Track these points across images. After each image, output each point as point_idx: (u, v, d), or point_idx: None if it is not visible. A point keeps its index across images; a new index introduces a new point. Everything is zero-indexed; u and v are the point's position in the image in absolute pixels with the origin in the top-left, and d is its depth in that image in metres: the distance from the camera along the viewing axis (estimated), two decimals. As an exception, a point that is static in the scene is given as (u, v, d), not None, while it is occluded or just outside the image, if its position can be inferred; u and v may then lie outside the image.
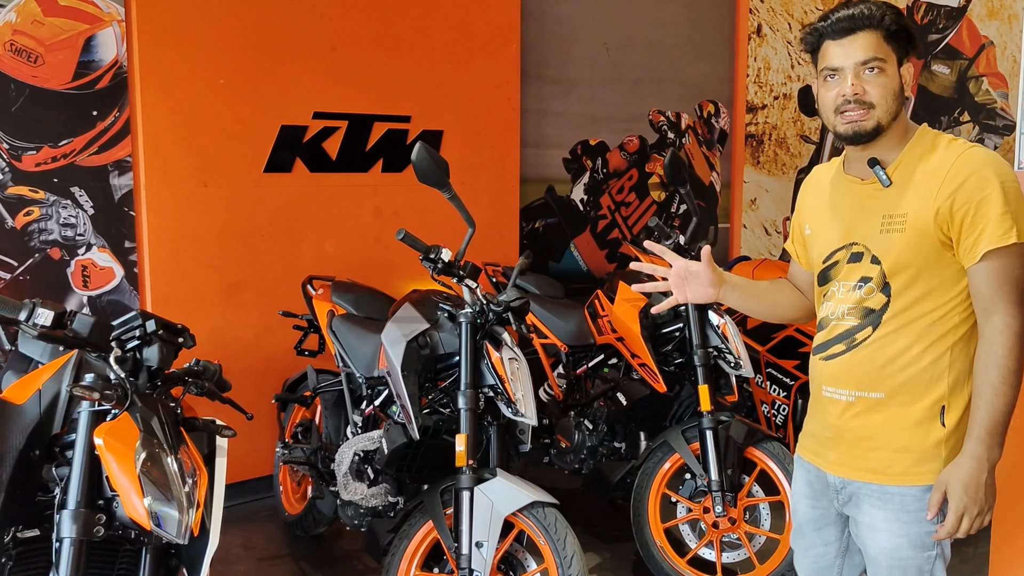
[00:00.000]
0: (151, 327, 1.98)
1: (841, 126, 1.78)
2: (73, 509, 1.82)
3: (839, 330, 1.87)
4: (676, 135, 5.85)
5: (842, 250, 1.87)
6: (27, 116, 3.51)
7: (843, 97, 1.76)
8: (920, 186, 1.76)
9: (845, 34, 1.76)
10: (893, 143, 1.81)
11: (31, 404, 2.02)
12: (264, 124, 4.01)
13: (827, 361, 1.89)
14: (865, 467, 1.84)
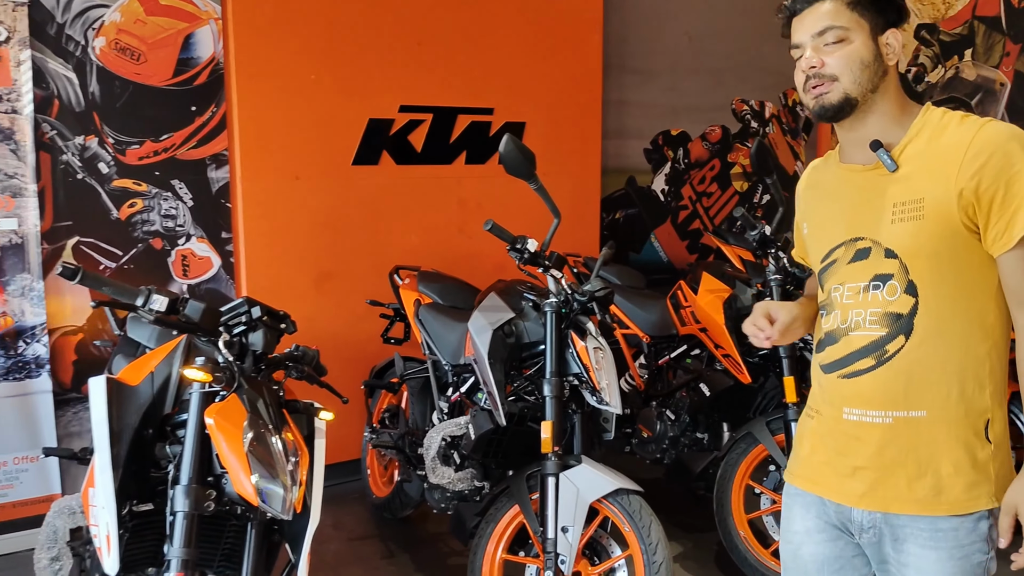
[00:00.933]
0: (256, 313, 2.08)
1: (810, 102, 1.64)
2: (185, 485, 1.93)
3: (863, 342, 1.62)
4: (760, 124, 5.77)
5: (841, 247, 1.66)
6: (131, 112, 3.68)
7: (803, 73, 1.63)
8: (935, 167, 1.55)
9: (805, 6, 1.64)
10: (887, 122, 1.62)
11: (144, 386, 2.14)
12: (352, 118, 4.11)
13: (851, 379, 1.63)
14: (910, 498, 1.58)
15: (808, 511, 1.73)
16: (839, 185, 1.71)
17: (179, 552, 1.87)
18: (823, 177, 1.79)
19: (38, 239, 3.49)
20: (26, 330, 3.51)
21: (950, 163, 1.53)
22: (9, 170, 3.41)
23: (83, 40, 3.56)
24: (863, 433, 1.62)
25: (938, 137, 1.58)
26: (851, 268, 1.64)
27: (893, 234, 1.59)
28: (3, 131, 3.40)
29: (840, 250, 1.66)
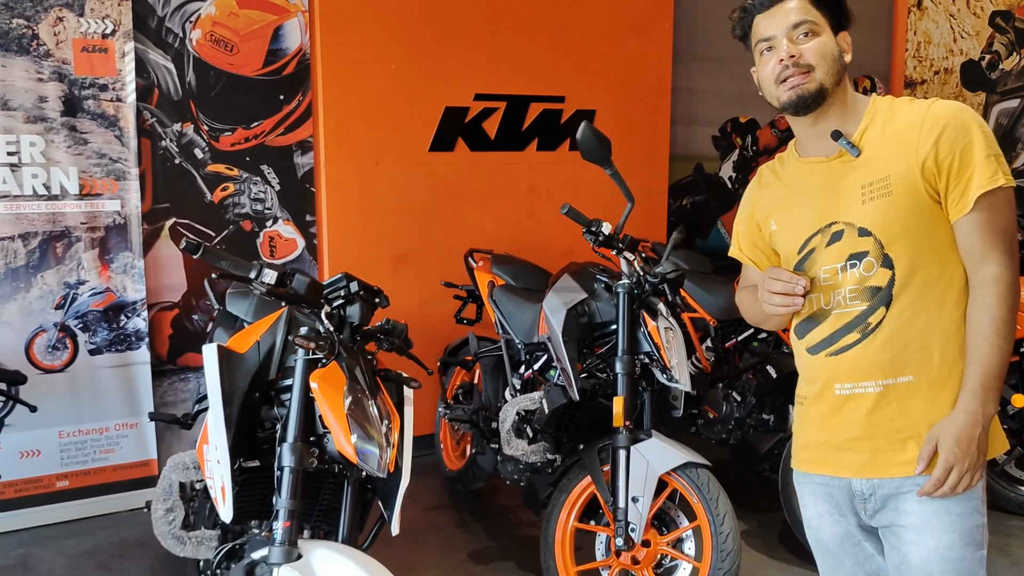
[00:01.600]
0: (354, 288, 2.24)
1: (784, 94, 1.71)
2: (292, 442, 2.10)
3: (847, 318, 1.69)
4: (828, 112, 5.78)
5: (817, 235, 1.73)
6: (224, 100, 3.90)
7: (781, 63, 1.69)
8: (896, 146, 1.66)
9: (773, 4, 1.73)
10: (845, 113, 1.73)
11: (251, 353, 2.33)
12: (430, 106, 4.28)
13: (839, 356, 1.70)
14: (905, 460, 1.65)
15: (817, 496, 1.81)
16: (805, 179, 1.78)
17: (286, 503, 2.05)
18: (783, 175, 1.85)
19: (139, 220, 3.73)
20: (127, 305, 3.75)
21: (909, 139, 1.64)
22: (114, 155, 3.65)
23: (181, 32, 3.78)
24: (856, 404, 1.70)
25: (891, 120, 1.68)
26: (829, 251, 1.71)
27: (865, 213, 1.67)
28: (108, 118, 3.63)
29: (816, 238, 1.73)
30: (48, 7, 3.49)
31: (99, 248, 3.67)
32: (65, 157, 3.56)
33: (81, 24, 3.54)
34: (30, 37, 3.47)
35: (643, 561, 2.75)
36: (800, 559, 3.36)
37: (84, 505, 3.74)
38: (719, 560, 2.63)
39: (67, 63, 3.54)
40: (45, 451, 3.65)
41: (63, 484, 3.72)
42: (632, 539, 2.74)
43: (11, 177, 3.49)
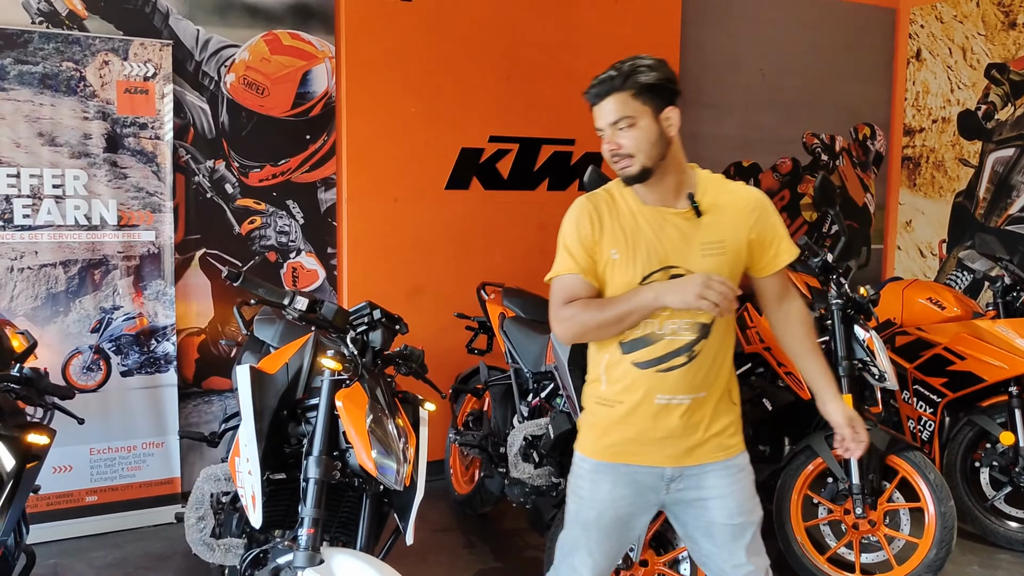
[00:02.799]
0: (377, 315, 2.45)
1: (619, 171, 2.09)
2: (317, 455, 2.29)
3: (677, 344, 2.08)
4: (830, 157, 6.00)
5: (659, 271, 2.07)
6: (254, 139, 4.15)
7: (609, 149, 2.08)
8: (729, 219, 2.12)
9: (598, 100, 2.09)
10: (680, 176, 2.13)
11: (280, 374, 2.54)
12: (446, 147, 4.52)
13: (667, 373, 2.09)
14: (703, 452, 2.15)
15: (618, 482, 2.18)
16: (652, 223, 2.11)
17: (311, 511, 2.24)
18: (626, 213, 2.14)
19: (172, 250, 3.97)
20: (158, 330, 3.97)
21: (740, 217, 2.14)
22: (151, 189, 3.90)
23: (216, 76, 4.04)
24: (671, 411, 2.12)
25: (719, 194, 2.15)
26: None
27: (703, 265, 2.07)
28: (147, 155, 3.88)
29: (658, 274, 2.09)
30: (95, 52, 3.75)
31: (134, 276, 3.90)
32: (106, 190, 3.81)
33: (125, 67, 3.81)
34: (78, 79, 3.73)
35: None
36: (792, 585, 3.51)
37: (112, 519, 3.94)
38: None
39: (111, 103, 3.80)
40: (77, 467, 3.85)
41: (92, 499, 3.91)
42: (631, 558, 2.90)
43: (55, 208, 3.73)
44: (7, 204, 3.64)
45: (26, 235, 3.69)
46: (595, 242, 2.14)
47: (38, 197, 3.70)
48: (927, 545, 3.28)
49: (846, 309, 3.55)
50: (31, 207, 3.69)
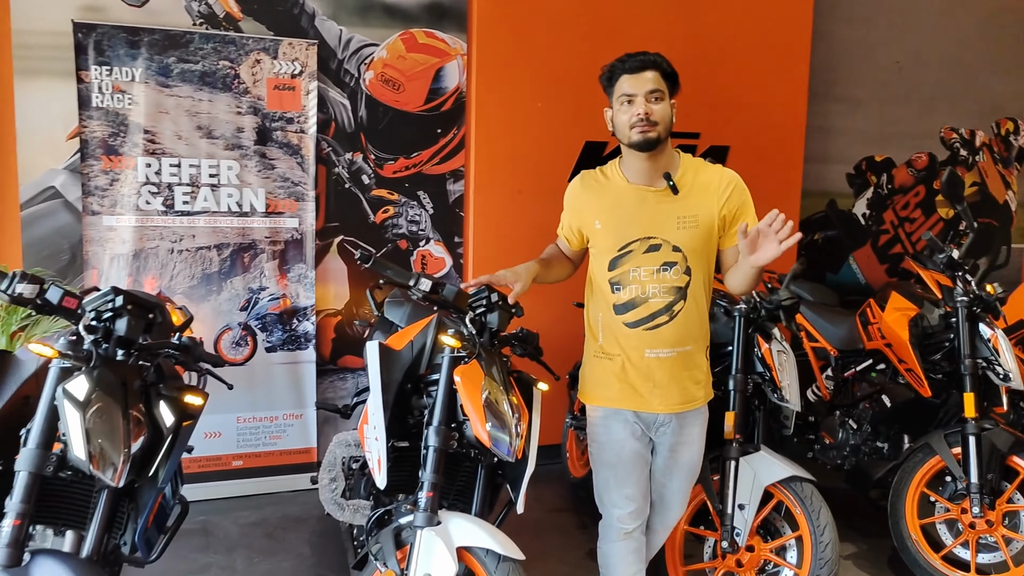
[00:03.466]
0: (495, 298, 2.61)
1: (635, 136, 2.45)
2: (437, 426, 2.48)
3: (659, 305, 2.52)
4: (969, 152, 5.77)
5: (637, 242, 2.51)
6: (389, 133, 4.40)
7: (637, 116, 2.44)
8: (703, 196, 2.51)
9: (640, 69, 2.46)
10: (668, 159, 2.54)
11: (406, 351, 2.74)
12: (571, 140, 4.64)
13: (653, 330, 2.53)
14: (686, 400, 2.59)
15: (624, 423, 2.61)
16: (632, 199, 2.54)
17: (431, 476, 2.42)
18: (609, 189, 2.59)
19: (313, 236, 4.27)
20: (299, 310, 4.29)
21: (712, 194, 2.52)
22: (295, 179, 4.21)
23: (356, 73, 4.31)
24: (659, 364, 2.55)
25: (696, 175, 2.54)
26: (646, 257, 2.51)
27: (679, 236, 2.49)
28: (292, 147, 4.19)
29: (636, 244, 2.52)
30: (248, 51, 4.08)
31: (279, 259, 4.22)
32: (255, 180, 4.14)
33: (274, 66, 4.12)
34: (232, 77, 4.07)
35: (747, 564, 2.98)
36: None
37: (254, 483, 4.28)
38: (817, 567, 2.83)
39: (261, 99, 4.12)
40: (225, 433, 4.21)
41: (238, 463, 4.27)
42: (737, 543, 2.97)
43: (211, 195, 4.09)
44: (169, 191, 4.02)
45: (185, 220, 4.06)
46: (580, 213, 2.65)
47: (196, 185, 4.06)
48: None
49: (972, 307, 3.47)
50: (190, 194, 4.06)
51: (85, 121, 3.86)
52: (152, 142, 3.96)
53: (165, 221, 4.02)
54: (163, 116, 3.97)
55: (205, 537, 3.81)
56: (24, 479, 2.10)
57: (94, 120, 3.87)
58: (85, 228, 3.92)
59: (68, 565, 2.08)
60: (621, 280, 2.55)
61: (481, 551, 2.33)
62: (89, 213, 3.91)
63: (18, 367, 2.33)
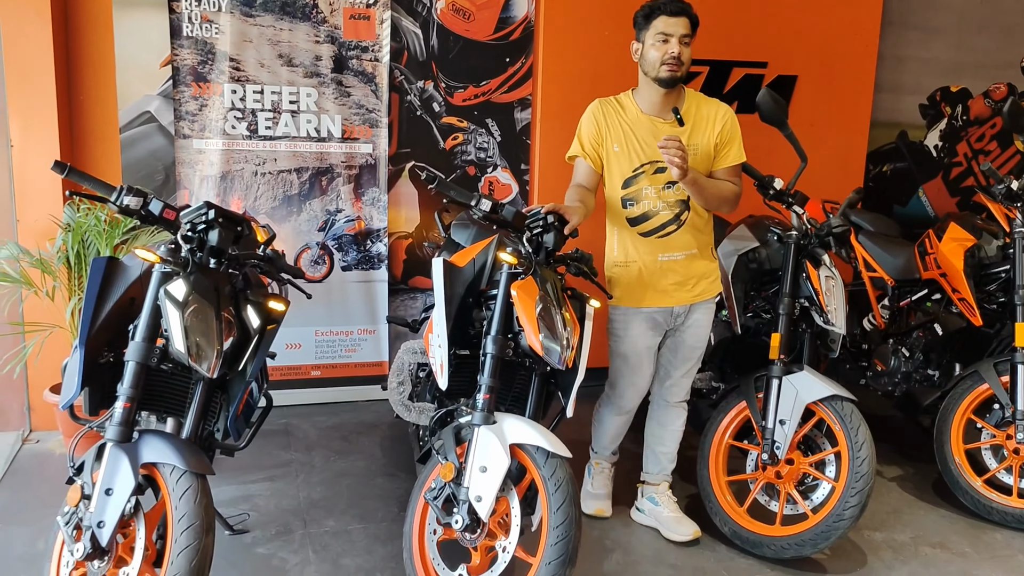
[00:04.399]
0: (551, 219, 2.79)
1: (664, 73, 2.88)
2: (494, 335, 2.69)
3: (667, 217, 3.02)
4: (1053, 83, 5.62)
5: (648, 164, 2.98)
6: (459, 62, 4.55)
7: (671, 55, 2.85)
8: (702, 127, 2.99)
9: (676, 15, 2.85)
10: (679, 95, 3.00)
11: (468, 268, 2.95)
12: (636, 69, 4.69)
13: (664, 237, 3.03)
14: (694, 293, 3.11)
15: (643, 322, 3.11)
16: (646, 128, 2.98)
17: (488, 381, 2.65)
18: (626, 118, 3.02)
19: (386, 161, 4.48)
20: (373, 232, 4.54)
21: (710, 125, 3.00)
22: (370, 106, 4.41)
23: (428, 3, 4.45)
24: (672, 266, 3.07)
25: (699, 108, 3.02)
26: (655, 177, 2.99)
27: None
28: (367, 75, 4.39)
29: (647, 166, 2.98)
30: (326, -18, 4.27)
31: (354, 183, 4.46)
32: (332, 107, 4.36)
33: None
34: (311, 6, 4.26)
35: (786, 476, 3.15)
36: (948, 504, 3.60)
37: (331, 392, 4.61)
38: (854, 480, 2.98)
39: (338, 28, 4.31)
40: (305, 345, 4.53)
41: (316, 373, 4.60)
42: (777, 456, 3.14)
43: (291, 121, 4.33)
44: (253, 117, 4.27)
45: (267, 144, 4.31)
46: (600, 136, 3.04)
47: (277, 111, 4.30)
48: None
49: (1031, 238, 3.50)
50: (272, 120, 4.30)
51: (176, 50, 4.12)
52: (237, 69, 4.20)
53: (249, 145, 4.29)
54: (247, 45, 4.20)
55: (287, 437, 4.16)
56: (133, 368, 2.40)
57: (184, 49, 4.13)
58: (177, 151, 4.21)
59: (171, 442, 2.39)
60: (634, 197, 3.02)
61: (532, 448, 2.55)
62: (181, 137, 4.20)
63: (124, 272, 2.61)
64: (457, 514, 2.56)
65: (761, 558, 3.13)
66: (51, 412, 3.94)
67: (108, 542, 2.31)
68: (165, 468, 2.35)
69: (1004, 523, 3.42)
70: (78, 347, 2.45)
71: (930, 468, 3.78)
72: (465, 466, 2.59)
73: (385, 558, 3.05)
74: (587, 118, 3.10)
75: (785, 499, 3.17)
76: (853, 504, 2.95)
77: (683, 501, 3.55)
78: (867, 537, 3.32)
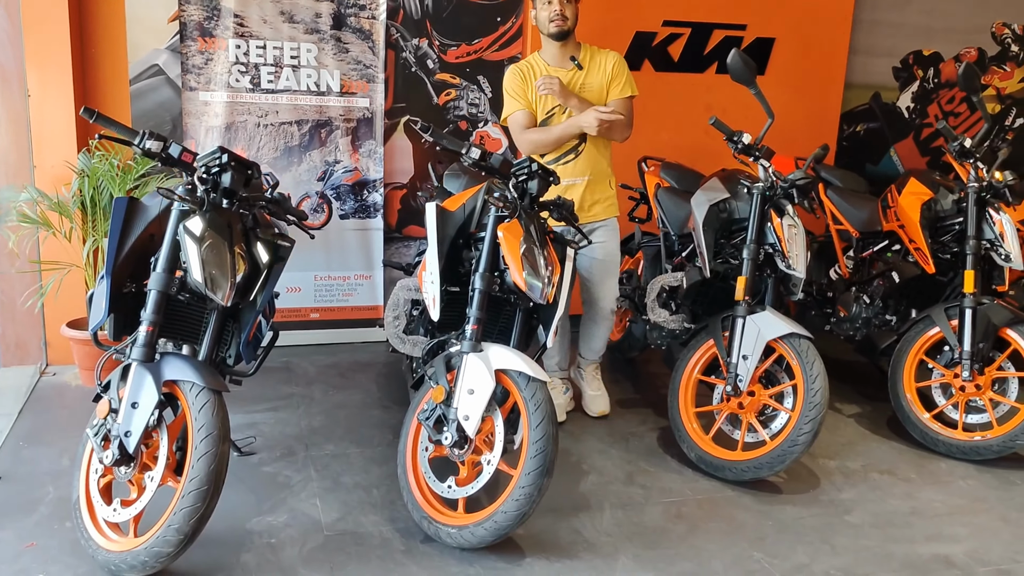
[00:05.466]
0: (535, 168, 3.04)
1: (553, 28, 3.61)
2: (481, 272, 2.96)
3: (568, 147, 3.70)
4: (1021, 48, 5.86)
5: (557, 107, 3.69)
6: (452, 21, 4.77)
7: (555, 12, 3.59)
8: (596, 70, 3.73)
9: None
10: (574, 45, 3.71)
11: (459, 212, 3.21)
12: (622, 30, 4.94)
13: (565, 165, 3.70)
14: (590, 215, 3.76)
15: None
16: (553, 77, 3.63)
17: (476, 312, 2.92)
18: (535, 72, 3.71)
19: (382, 115, 4.72)
20: (369, 182, 4.78)
21: (602, 68, 3.73)
22: (367, 62, 4.64)
23: (423, -37, 4.66)
24: (574, 188, 3.72)
25: (592, 56, 3.75)
26: (563, 116, 3.68)
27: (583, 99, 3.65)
28: (364, 32, 4.61)
29: (556, 108, 3.70)
30: (325, -58, 4.46)
31: (351, 136, 4.69)
32: (331, 62, 4.58)
33: (348, -44, 4.50)
34: (311, -34, 4.47)
35: (747, 407, 3.45)
36: (899, 437, 3.90)
37: (329, 333, 4.90)
38: (808, 409, 3.27)
39: (337, -13, 4.52)
40: (304, 288, 4.80)
41: (315, 316, 4.87)
42: (739, 388, 3.44)
43: (292, 75, 4.55)
44: (256, 71, 4.49)
45: (270, 97, 4.54)
46: (527, 88, 3.69)
47: (279, 66, 4.52)
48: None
49: (980, 192, 3.77)
50: (274, 74, 4.52)
51: (184, 6, 4.33)
52: (241, 25, 4.41)
53: (252, 98, 4.51)
54: (250, 2, 4.41)
55: (288, 373, 4.44)
56: (155, 296, 2.66)
57: (191, 5, 4.34)
58: (184, 102, 4.44)
59: (190, 363, 2.66)
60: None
61: (515, 372, 2.83)
62: (187, 89, 4.43)
63: (144, 211, 2.86)
64: (447, 432, 2.85)
65: (723, 480, 3.44)
66: (67, 347, 4.21)
67: (135, 449, 2.59)
68: (185, 385, 2.62)
69: (949, 454, 3.73)
70: (105, 276, 2.71)
71: (886, 406, 4.08)
72: (454, 389, 2.87)
73: (381, 477, 3.35)
74: (512, 79, 3.76)
75: (747, 427, 3.47)
76: (807, 431, 3.25)
77: (656, 431, 3.87)
78: (822, 464, 3.64)
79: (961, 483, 3.53)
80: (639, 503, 3.25)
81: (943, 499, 3.38)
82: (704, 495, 3.34)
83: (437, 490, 2.93)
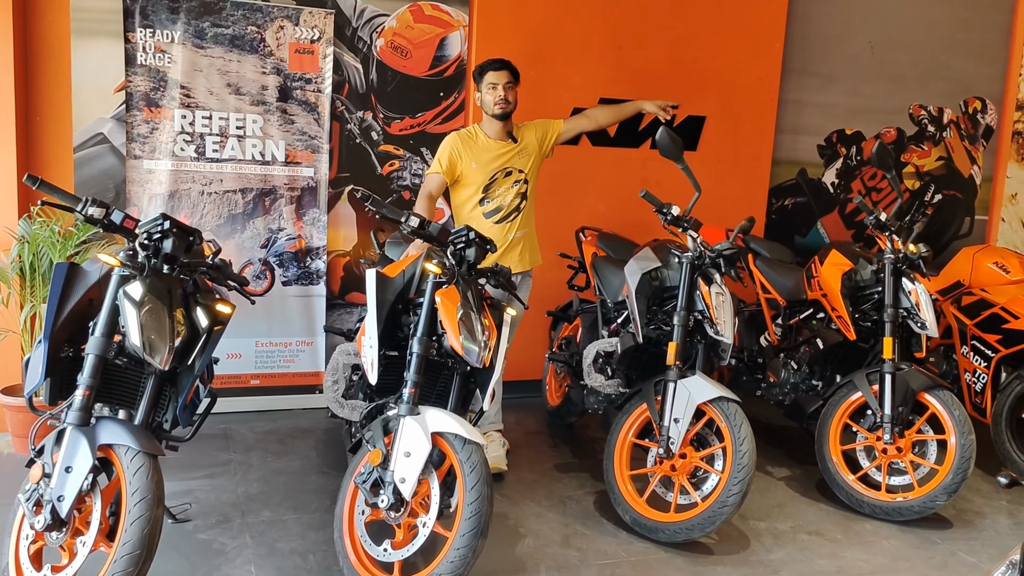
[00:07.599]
0: (472, 236, 3.15)
1: (496, 110, 4.03)
2: (419, 336, 3.03)
3: (512, 208, 4.10)
4: (937, 129, 6.23)
5: (500, 172, 4.07)
6: (397, 95, 4.93)
7: (500, 97, 4.01)
8: (529, 140, 4.16)
9: (499, 69, 4.03)
10: (511, 124, 4.13)
11: (398, 278, 3.30)
12: (560, 107, 5.14)
13: (512, 222, 4.11)
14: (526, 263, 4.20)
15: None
16: (494, 149, 4.07)
17: (413, 377, 2.99)
18: (478, 143, 4.07)
19: (326, 184, 4.82)
20: (312, 250, 4.85)
21: (534, 137, 4.18)
22: (312, 133, 4.75)
23: (369, 40, 4.83)
24: (516, 241, 4.13)
25: (525, 131, 4.18)
26: (505, 180, 4.08)
27: (520, 164, 4.11)
28: (310, 105, 4.73)
29: (499, 174, 4.07)
30: (273, 18, 4.61)
31: (295, 204, 4.78)
32: (277, 132, 4.69)
33: (296, 31, 4.65)
34: (259, 40, 4.60)
35: (680, 469, 3.55)
36: (827, 499, 4.02)
37: (270, 400, 4.89)
38: (736, 471, 3.38)
39: (283, 61, 4.65)
40: (245, 355, 4.80)
41: (255, 382, 4.87)
42: (671, 451, 3.54)
43: (238, 145, 4.64)
44: (201, 140, 4.57)
45: (214, 166, 4.62)
46: (458, 159, 4.02)
47: (225, 136, 4.61)
48: (946, 471, 3.72)
49: (896, 263, 3.98)
50: (219, 143, 4.61)
51: (131, 76, 4.41)
52: (187, 96, 4.51)
53: (197, 166, 4.58)
54: (197, 74, 4.51)
55: (226, 440, 4.42)
56: (92, 360, 2.68)
57: (138, 76, 4.43)
58: (128, 170, 4.49)
59: (125, 426, 2.67)
60: (489, 196, 4.07)
61: (451, 435, 2.89)
62: (132, 157, 4.48)
63: (84, 276, 2.89)
64: (383, 494, 2.89)
65: (657, 542, 3.51)
66: (0, 413, 4.14)
67: (67, 514, 2.58)
68: (120, 448, 2.63)
69: (873, 515, 3.86)
70: (43, 340, 2.72)
71: (814, 469, 4.21)
72: (391, 452, 2.92)
73: (317, 542, 3.35)
74: (447, 147, 4.05)
75: (679, 489, 3.56)
76: (735, 492, 3.35)
77: (593, 495, 3.93)
78: (752, 526, 3.73)
79: (885, 543, 3.65)
80: (575, 565, 3.30)
81: (867, 559, 3.49)
82: (638, 557, 3.40)
83: (373, 554, 2.95)
